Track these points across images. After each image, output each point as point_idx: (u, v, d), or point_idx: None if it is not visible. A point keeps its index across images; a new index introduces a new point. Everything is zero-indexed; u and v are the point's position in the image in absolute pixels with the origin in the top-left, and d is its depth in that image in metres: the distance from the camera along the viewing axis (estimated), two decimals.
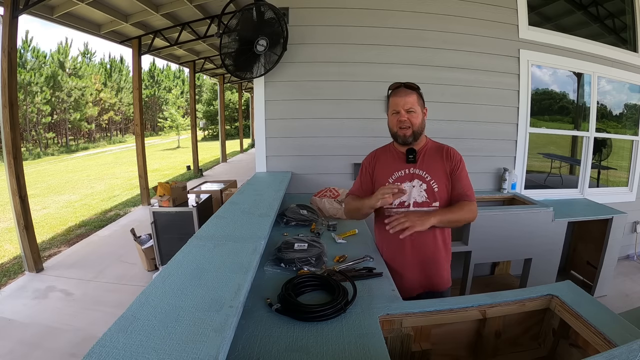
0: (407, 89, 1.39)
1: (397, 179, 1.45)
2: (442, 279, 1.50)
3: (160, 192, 3.29)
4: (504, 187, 2.97)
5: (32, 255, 3.55)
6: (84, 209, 6.62)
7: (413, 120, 1.38)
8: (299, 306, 1.06)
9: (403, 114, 1.38)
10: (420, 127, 1.40)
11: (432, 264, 1.46)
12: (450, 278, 1.56)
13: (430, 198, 1.41)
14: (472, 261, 2.51)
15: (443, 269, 1.50)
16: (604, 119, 3.59)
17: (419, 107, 1.40)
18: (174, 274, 1.01)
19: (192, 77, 9.94)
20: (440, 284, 1.50)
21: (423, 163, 1.43)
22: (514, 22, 2.87)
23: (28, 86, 18.20)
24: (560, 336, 1.17)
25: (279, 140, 2.77)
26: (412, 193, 1.43)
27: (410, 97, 1.37)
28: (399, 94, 1.39)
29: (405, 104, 1.37)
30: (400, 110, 1.38)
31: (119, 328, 0.75)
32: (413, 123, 1.38)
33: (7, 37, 3.27)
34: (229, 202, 1.88)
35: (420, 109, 1.41)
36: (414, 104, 1.37)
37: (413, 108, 1.37)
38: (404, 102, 1.37)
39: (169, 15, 5.49)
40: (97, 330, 2.43)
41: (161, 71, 30.41)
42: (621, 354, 0.59)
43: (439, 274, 1.49)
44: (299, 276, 1.23)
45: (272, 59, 2.54)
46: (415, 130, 1.39)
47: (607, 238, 2.77)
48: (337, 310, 1.05)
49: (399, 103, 1.38)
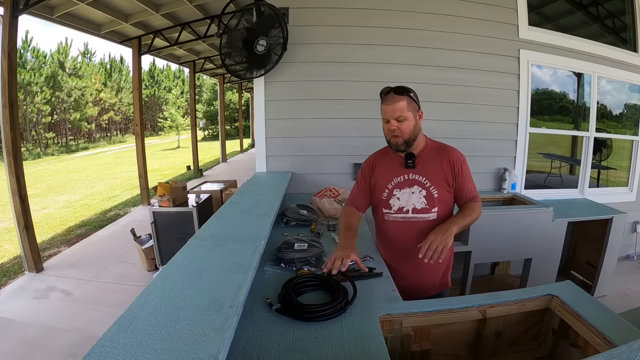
0: (396, 94, 1.33)
1: (396, 185, 1.43)
2: (440, 283, 1.50)
3: (160, 192, 3.29)
4: (504, 187, 2.97)
5: (32, 255, 3.55)
6: (84, 209, 6.62)
7: (403, 129, 1.33)
8: (299, 306, 1.06)
9: (393, 123, 1.33)
10: (412, 133, 1.35)
11: (432, 268, 1.44)
12: (450, 280, 1.56)
13: (429, 204, 1.39)
14: (472, 261, 2.51)
15: (441, 274, 1.50)
16: (604, 119, 3.59)
17: (411, 113, 1.33)
18: (174, 274, 1.01)
19: (192, 77, 9.94)
20: (437, 288, 1.50)
21: (422, 167, 1.40)
22: (514, 22, 2.87)
23: (28, 86, 18.20)
24: (560, 336, 1.17)
25: (279, 140, 2.77)
26: (411, 199, 1.40)
27: (399, 104, 1.31)
28: (387, 101, 1.34)
29: (394, 112, 1.32)
30: (390, 120, 1.34)
31: (119, 328, 0.75)
32: (403, 131, 1.33)
33: (7, 37, 3.27)
34: (229, 202, 1.88)
35: (413, 113, 1.34)
36: (403, 110, 1.31)
37: (403, 115, 1.31)
38: (392, 111, 1.32)
39: (169, 15, 5.49)
40: (97, 330, 2.43)
41: (161, 71, 30.42)
42: (621, 354, 0.59)
43: (436, 278, 1.49)
44: (299, 276, 1.23)
45: (272, 59, 2.54)
46: (407, 138, 1.35)
47: (607, 238, 2.77)
48: (337, 310, 1.05)
49: (388, 111, 1.34)
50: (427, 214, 1.40)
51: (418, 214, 1.41)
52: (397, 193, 1.43)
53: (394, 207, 1.43)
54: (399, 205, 1.43)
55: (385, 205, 1.46)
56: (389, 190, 1.44)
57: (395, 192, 1.43)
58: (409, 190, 1.41)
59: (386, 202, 1.45)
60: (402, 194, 1.42)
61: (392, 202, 1.44)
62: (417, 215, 1.41)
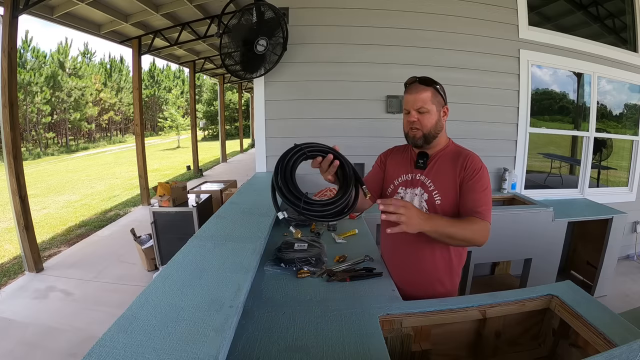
0: (421, 84, 1.23)
1: (401, 183, 1.35)
2: (439, 293, 1.31)
3: (160, 192, 3.29)
4: (504, 187, 2.97)
5: (32, 255, 3.55)
6: (84, 209, 6.62)
7: (424, 122, 1.22)
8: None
9: (413, 115, 1.22)
10: (433, 129, 1.23)
11: (431, 280, 1.32)
12: (456, 288, 1.38)
13: (430, 211, 1.25)
14: (472, 261, 2.51)
15: (441, 283, 1.33)
16: (604, 119, 3.59)
17: (434, 106, 1.22)
18: (174, 274, 1.01)
19: (192, 77, 9.94)
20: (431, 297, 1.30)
21: (432, 171, 1.27)
22: (514, 22, 2.87)
23: (28, 86, 18.19)
24: (560, 336, 1.17)
25: (279, 140, 2.77)
26: (413, 201, 1.29)
27: (422, 94, 1.21)
28: (410, 90, 1.24)
29: (416, 103, 1.21)
30: (411, 110, 1.23)
31: (119, 328, 0.75)
32: (423, 125, 1.22)
33: (7, 37, 3.27)
34: (229, 202, 1.88)
35: (437, 107, 1.23)
36: (426, 102, 1.20)
37: (425, 107, 1.20)
38: (414, 101, 1.22)
39: (169, 15, 5.49)
40: (97, 330, 2.43)
41: (161, 71, 30.42)
42: (621, 354, 0.59)
43: (435, 288, 1.32)
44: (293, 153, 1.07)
45: (272, 59, 2.54)
46: (427, 132, 1.23)
47: (607, 238, 2.77)
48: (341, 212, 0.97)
49: (409, 101, 1.23)
50: None
51: None
52: (401, 191, 1.34)
53: None
54: None
55: None
56: (394, 186, 1.37)
57: (400, 191, 1.35)
58: (413, 191, 1.31)
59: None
60: (406, 194, 1.33)
61: None
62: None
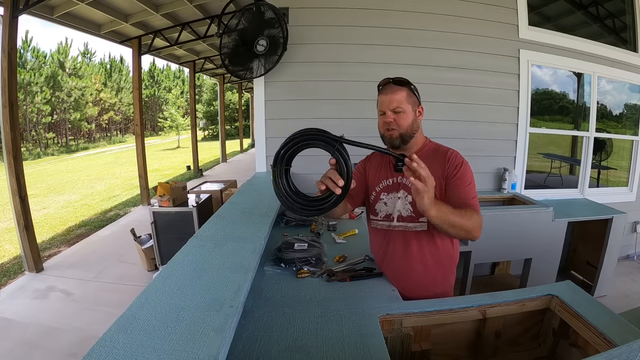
0: (395, 85, 1.21)
1: (384, 189, 1.31)
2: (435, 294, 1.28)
3: (160, 192, 3.29)
4: (504, 187, 2.97)
5: (32, 255, 3.55)
6: (84, 209, 6.61)
7: (400, 122, 1.19)
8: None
9: (389, 115, 1.20)
10: (410, 128, 1.21)
11: (425, 286, 1.28)
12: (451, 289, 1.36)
13: (415, 212, 1.22)
14: (472, 261, 2.51)
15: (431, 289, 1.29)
16: (604, 119, 3.59)
17: (410, 106, 1.20)
18: (174, 274, 1.01)
19: (192, 77, 9.94)
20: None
21: None
22: (514, 22, 2.87)
23: (28, 86, 18.19)
24: (560, 336, 1.17)
25: (279, 140, 2.73)
26: (396, 205, 1.26)
27: (397, 95, 1.19)
28: (385, 91, 1.22)
29: (391, 103, 1.19)
30: (386, 111, 1.20)
31: (119, 328, 0.75)
32: (400, 124, 1.19)
33: (7, 37, 3.27)
34: (229, 202, 1.88)
35: (412, 107, 1.21)
36: (401, 102, 1.19)
37: (401, 107, 1.19)
38: (389, 101, 1.20)
39: (169, 15, 5.49)
40: (97, 330, 2.43)
41: (161, 71, 30.42)
42: (621, 354, 0.59)
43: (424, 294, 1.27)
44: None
45: (272, 59, 2.54)
46: (403, 132, 1.20)
47: (607, 238, 2.77)
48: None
49: (385, 102, 1.21)
50: (413, 223, 1.24)
51: (404, 222, 1.25)
52: (384, 197, 1.30)
53: (381, 214, 1.31)
54: (386, 212, 1.29)
55: (372, 210, 1.35)
56: (376, 193, 1.32)
57: (383, 197, 1.30)
58: (396, 194, 1.27)
59: (372, 207, 1.34)
60: (389, 199, 1.29)
61: (378, 207, 1.31)
62: (403, 224, 1.25)
